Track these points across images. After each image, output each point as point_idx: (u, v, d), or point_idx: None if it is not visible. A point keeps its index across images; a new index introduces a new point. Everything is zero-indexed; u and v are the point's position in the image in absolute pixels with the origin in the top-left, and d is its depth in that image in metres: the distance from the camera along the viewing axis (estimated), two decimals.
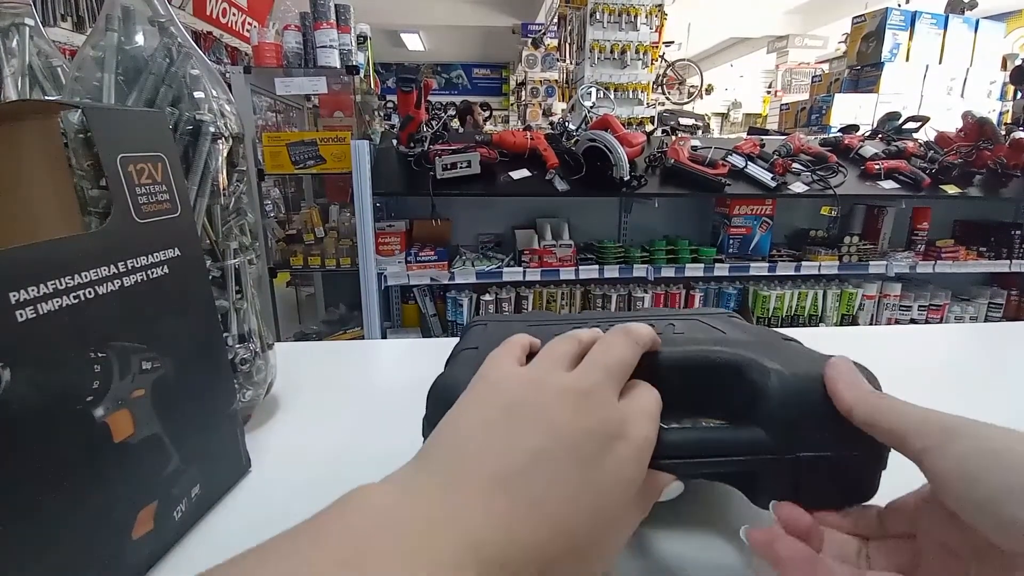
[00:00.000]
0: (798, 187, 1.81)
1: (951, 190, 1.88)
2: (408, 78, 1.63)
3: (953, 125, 2.08)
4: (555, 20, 4.08)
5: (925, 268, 1.97)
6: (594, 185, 1.69)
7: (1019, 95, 2.63)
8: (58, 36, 2.49)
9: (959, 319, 2.09)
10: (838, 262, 1.91)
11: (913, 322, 2.06)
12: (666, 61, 5.39)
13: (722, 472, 0.24)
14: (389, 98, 4.24)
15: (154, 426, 0.26)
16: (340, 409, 0.45)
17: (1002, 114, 3.38)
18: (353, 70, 2.04)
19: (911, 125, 2.13)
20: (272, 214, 2.39)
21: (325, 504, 0.16)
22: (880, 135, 2.11)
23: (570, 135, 1.80)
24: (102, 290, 0.23)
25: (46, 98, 0.37)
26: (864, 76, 3.39)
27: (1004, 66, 3.41)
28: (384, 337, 1.82)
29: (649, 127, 2.82)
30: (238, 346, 0.37)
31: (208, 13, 3.67)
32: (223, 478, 0.32)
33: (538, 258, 1.81)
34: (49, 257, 0.21)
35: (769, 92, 7.38)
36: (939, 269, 1.98)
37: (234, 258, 0.36)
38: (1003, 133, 2.00)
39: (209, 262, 0.35)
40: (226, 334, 0.36)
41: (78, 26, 2.61)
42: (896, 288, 2.04)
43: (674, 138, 1.90)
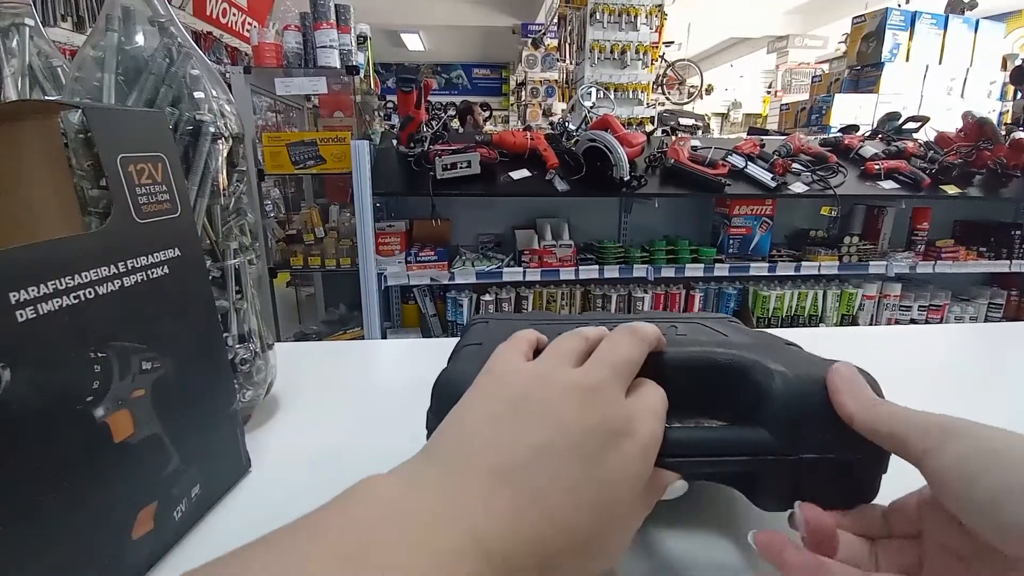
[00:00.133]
0: (798, 187, 1.81)
1: (951, 190, 1.88)
2: (408, 78, 1.63)
3: (953, 125, 2.08)
4: (555, 20, 4.08)
5: (925, 268, 1.97)
6: (594, 185, 1.69)
7: (1019, 95, 2.64)
8: (58, 36, 2.48)
9: (959, 319, 2.09)
10: (838, 262, 1.91)
11: (913, 322, 2.06)
12: (666, 61, 5.39)
13: (725, 472, 0.24)
14: (389, 98, 4.24)
15: (154, 426, 0.26)
16: (340, 409, 0.45)
17: (1002, 114, 3.38)
18: (353, 70, 2.04)
19: (911, 125, 2.13)
20: (272, 214, 2.39)
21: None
22: (880, 135, 2.11)
23: (570, 135, 1.79)
24: (102, 290, 0.23)
25: (46, 98, 0.37)
26: (864, 76, 3.39)
27: (1004, 66, 3.41)
28: (384, 337, 1.82)
29: (649, 127, 2.82)
30: (238, 346, 0.37)
31: (208, 13, 3.67)
32: (223, 478, 0.32)
33: (538, 258, 1.81)
34: (49, 257, 0.21)
35: (769, 92, 7.38)
36: (939, 269, 1.98)
37: (234, 258, 0.36)
38: (1003, 133, 2.00)
39: (209, 262, 0.35)
40: (226, 334, 0.36)
41: (78, 26, 2.61)
42: (896, 288, 2.04)
43: (674, 138, 1.90)
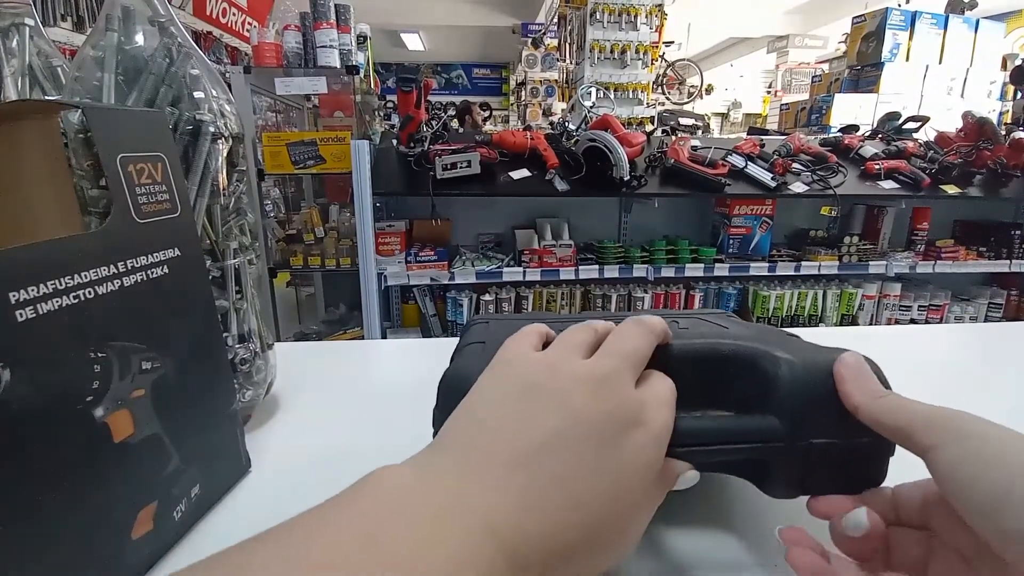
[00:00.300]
0: (798, 187, 1.81)
1: (951, 190, 1.88)
2: (408, 78, 1.63)
3: (953, 125, 2.08)
4: (555, 20, 4.08)
5: (925, 268, 1.97)
6: (594, 185, 1.69)
7: (1019, 95, 2.63)
8: (58, 36, 2.48)
9: (959, 319, 2.09)
10: (838, 262, 1.91)
11: (913, 322, 2.06)
12: (666, 61, 5.39)
13: (736, 460, 0.24)
14: (389, 98, 4.24)
15: (154, 426, 0.26)
16: (340, 409, 0.45)
17: (1002, 114, 3.38)
18: (353, 70, 2.04)
19: (911, 125, 2.13)
20: (272, 214, 2.39)
21: None
22: (880, 135, 2.11)
23: (570, 135, 1.79)
24: (102, 290, 0.23)
25: (46, 98, 0.37)
26: (864, 76, 3.39)
27: (1004, 66, 3.41)
28: (384, 337, 1.82)
29: (649, 127, 2.82)
30: (238, 346, 0.37)
31: (208, 13, 3.67)
32: (223, 478, 0.32)
33: (538, 258, 1.81)
34: (49, 257, 0.21)
35: (769, 92, 7.38)
36: (939, 269, 1.98)
37: (234, 258, 0.36)
38: (1003, 133, 2.00)
39: (209, 262, 0.35)
40: (226, 334, 0.36)
41: (78, 26, 2.61)
42: (896, 288, 2.04)
43: (674, 138, 1.90)
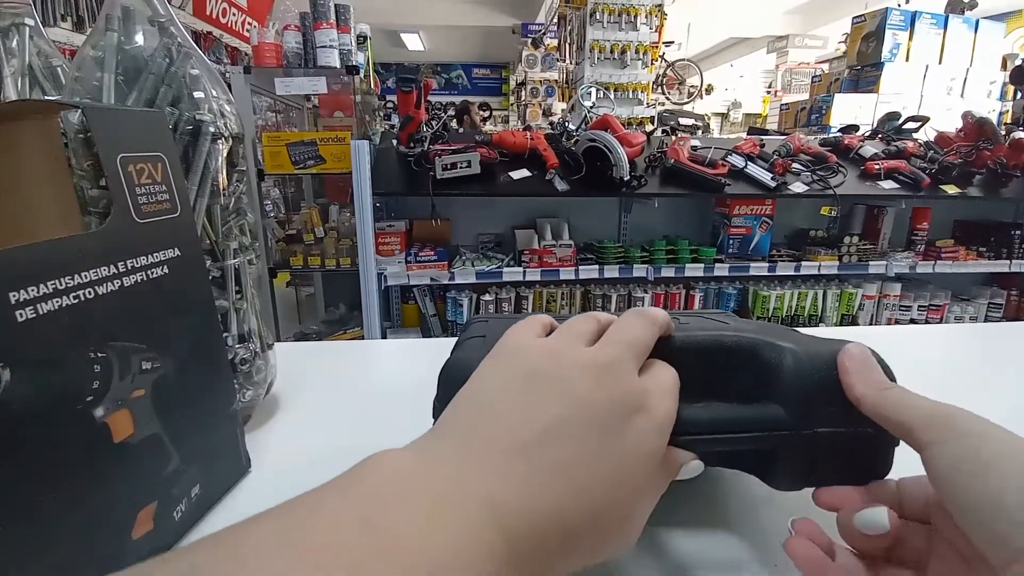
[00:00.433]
0: (798, 187, 1.81)
1: (951, 190, 1.88)
2: (408, 78, 1.63)
3: (953, 125, 2.08)
4: (555, 20, 4.08)
5: (925, 268, 1.97)
6: (594, 185, 1.69)
7: (1019, 95, 2.64)
8: (58, 36, 2.48)
9: (959, 319, 2.09)
10: (838, 262, 1.91)
11: (913, 322, 2.06)
12: (666, 61, 5.40)
13: (739, 450, 0.24)
14: (389, 98, 4.23)
15: (154, 426, 0.26)
16: (340, 409, 0.45)
17: (1002, 114, 3.38)
18: (353, 70, 2.04)
19: (911, 125, 2.13)
20: (272, 214, 2.39)
21: None
22: (880, 135, 2.11)
23: (570, 135, 1.79)
24: (102, 290, 0.23)
25: (46, 98, 0.37)
26: (864, 76, 3.39)
27: (1004, 66, 3.41)
28: (384, 337, 1.82)
29: (649, 127, 2.82)
30: (238, 346, 0.37)
31: (208, 13, 3.67)
32: (223, 478, 0.32)
33: (538, 258, 1.81)
34: (49, 257, 0.21)
35: (769, 92, 7.38)
36: (939, 269, 1.98)
37: (234, 258, 0.36)
38: (1003, 133, 2.00)
39: (209, 262, 0.35)
40: (226, 334, 0.36)
41: (78, 26, 2.61)
42: (896, 288, 2.04)
43: (674, 138, 1.90)
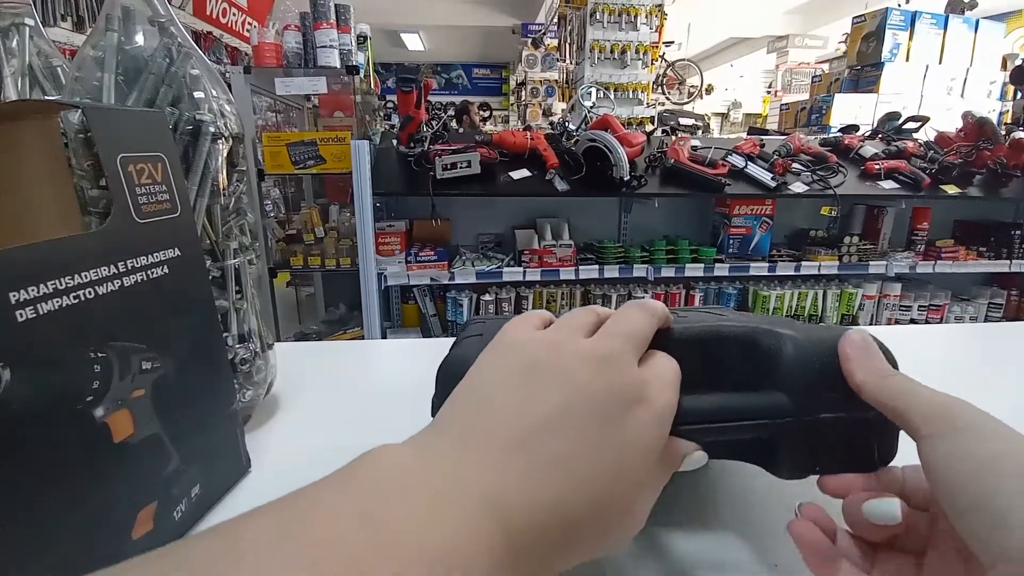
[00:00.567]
0: (798, 187, 1.81)
1: (951, 190, 1.88)
2: (408, 78, 1.63)
3: (953, 125, 2.08)
4: (555, 20, 4.08)
5: (925, 268, 1.97)
6: (594, 185, 1.69)
7: (1019, 95, 2.64)
8: (58, 36, 2.49)
9: (959, 319, 2.09)
10: (838, 262, 1.91)
11: (913, 322, 2.06)
12: (666, 61, 5.40)
13: (742, 439, 0.23)
14: (389, 98, 4.24)
15: (154, 426, 0.26)
16: (340, 409, 0.45)
17: (1002, 114, 3.38)
18: (353, 70, 2.04)
19: (911, 125, 2.13)
20: (272, 214, 2.39)
21: None
22: (880, 135, 2.11)
23: (570, 135, 1.79)
24: (102, 290, 0.23)
25: (46, 98, 0.37)
26: (864, 76, 3.39)
27: (1004, 66, 3.41)
28: (384, 337, 1.82)
29: (649, 127, 2.82)
30: (238, 346, 0.37)
31: (208, 13, 3.67)
32: (223, 478, 0.32)
33: (538, 258, 1.81)
34: (49, 257, 0.21)
35: (769, 92, 7.38)
36: (939, 269, 1.98)
37: (234, 258, 0.36)
38: (1003, 133, 2.00)
39: (209, 262, 0.35)
40: (226, 334, 0.36)
41: (78, 26, 2.61)
42: (896, 288, 2.04)
43: (674, 138, 1.90)
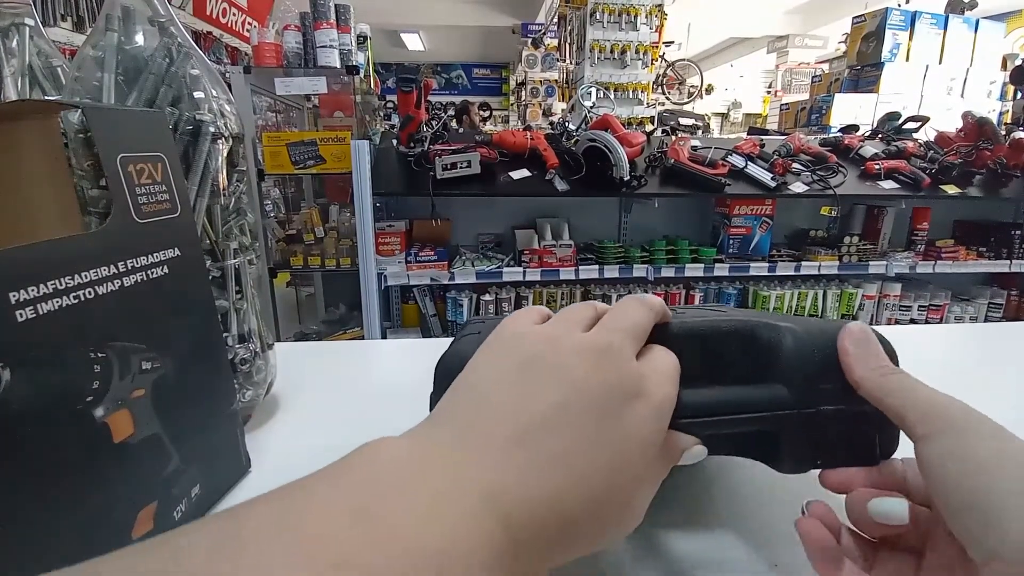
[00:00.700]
0: (798, 187, 1.81)
1: (951, 190, 1.88)
2: (408, 78, 1.63)
3: (953, 125, 2.08)
4: (555, 20, 4.08)
5: (925, 268, 1.97)
6: (594, 185, 1.69)
7: (1019, 95, 2.64)
8: (58, 36, 2.48)
9: (959, 319, 2.09)
10: (838, 262, 1.91)
11: (913, 322, 2.06)
12: (666, 61, 5.40)
13: (742, 432, 0.23)
14: (389, 98, 4.24)
15: (154, 426, 0.26)
16: (340, 409, 0.45)
17: (1002, 114, 3.38)
18: (353, 70, 2.04)
19: (911, 125, 2.13)
20: (272, 214, 2.39)
21: None
22: (880, 135, 2.11)
23: (570, 135, 1.79)
24: (102, 290, 0.23)
25: (46, 98, 0.37)
26: (864, 76, 3.39)
27: (1004, 66, 3.41)
28: (384, 337, 1.82)
29: (649, 127, 2.82)
30: (238, 346, 0.37)
31: (208, 13, 3.67)
32: (223, 478, 0.32)
33: (538, 258, 1.81)
34: (49, 257, 0.21)
35: (769, 92, 7.38)
36: (939, 269, 1.98)
37: (234, 258, 0.36)
38: (1003, 133, 2.00)
39: (209, 262, 0.35)
40: (226, 334, 0.36)
41: (78, 26, 2.61)
42: (896, 288, 2.04)
43: (674, 138, 1.90)
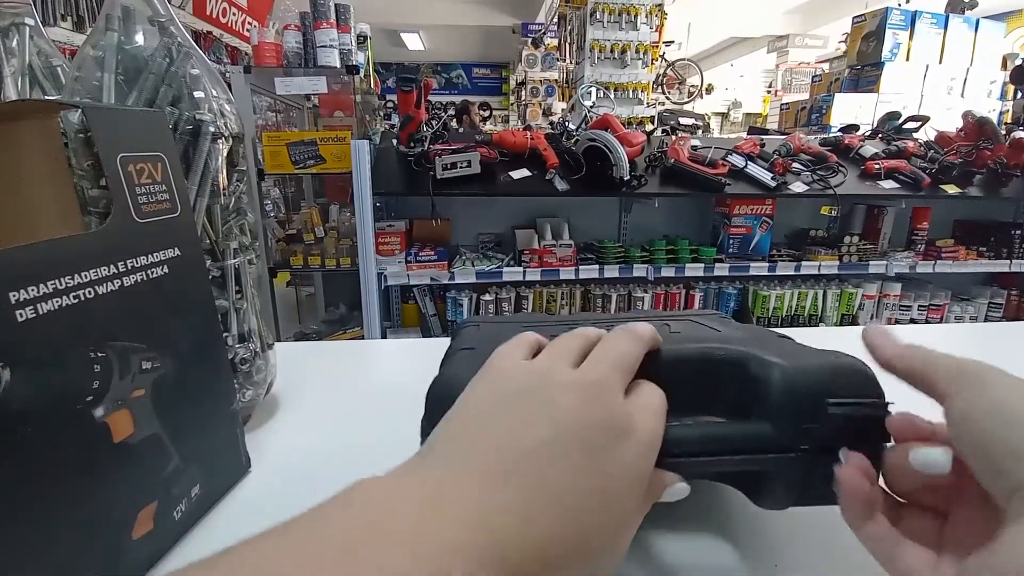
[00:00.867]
0: (798, 187, 1.81)
1: (951, 190, 1.88)
2: (408, 78, 1.63)
3: (953, 125, 2.08)
4: (555, 20, 4.08)
5: (925, 268, 1.97)
6: (594, 185, 1.69)
7: (1019, 95, 2.63)
8: (58, 36, 2.48)
9: (959, 319, 2.09)
10: (838, 262, 1.91)
11: (913, 322, 2.06)
12: (666, 61, 5.39)
13: (727, 472, 0.23)
14: (389, 98, 4.24)
15: (154, 426, 0.26)
16: (340, 409, 0.45)
17: (1002, 114, 3.38)
18: (353, 70, 2.04)
19: (911, 125, 2.13)
20: (272, 214, 2.39)
21: None
22: (880, 135, 2.11)
23: (570, 135, 1.79)
24: (102, 290, 0.23)
25: (46, 98, 0.37)
26: (864, 76, 3.38)
27: (1004, 66, 3.41)
28: (384, 337, 1.82)
29: (649, 127, 2.82)
30: (238, 346, 0.37)
31: (208, 13, 3.67)
32: (223, 478, 0.32)
33: (538, 258, 1.81)
34: (49, 257, 0.21)
35: (769, 92, 7.37)
36: (939, 269, 1.98)
37: (234, 258, 0.36)
38: (1003, 133, 2.00)
39: (209, 262, 0.35)
40: (226, 334, 0.36)
41: (78, 26, 2.61)
42: (896, 288, 2.04)
43: (674, 138, 1.90)
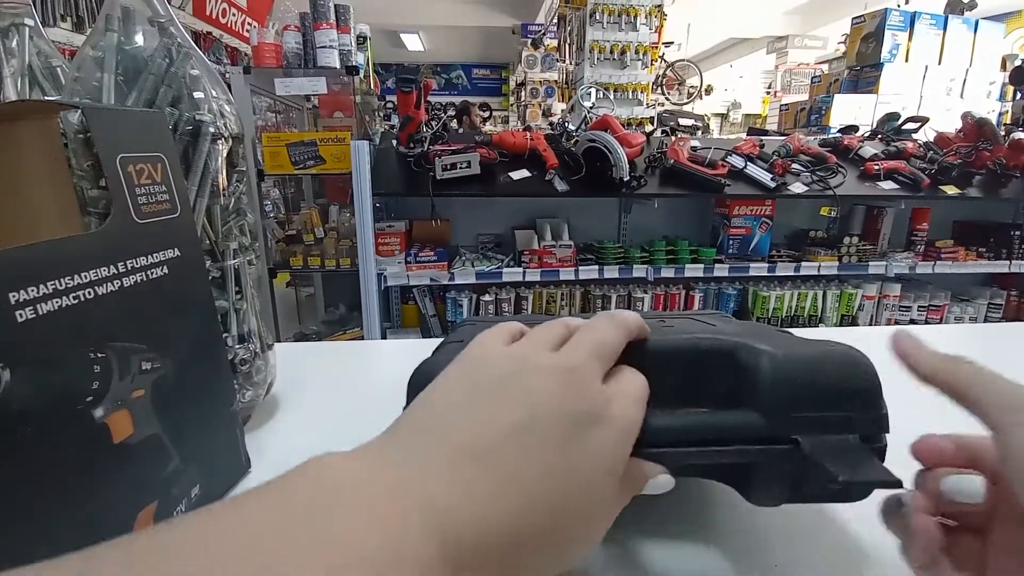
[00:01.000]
0: (798, 188, 1.81)
1: (950, 191, 1.88)
2: (408, 78, 1.63)
3: (952, 126, 2.09)
4: (555, 20, 4.07)
5: (925, 268, 1.97)
6: (594, 185, 1.69)
7: (1018, 96, 2.64)
8: (58, 36, 2.48)
9: (959, 319, 2.09)
10: (838, 263, 1.91)
11: (913, 322, 2.06)
12: (666, 61, 5.39)
13: (715, 465, 0.23)
14: (389, 98, 4.23)
15: (154, 426, 0.26)
16: (340, 409, 0.45)
17: (1001, 114, 3.38)
18: (353, 70, 2.04)
19: (910, 126, 2.13)
20: (272, 214, 2.39)
21: None
22: (879, 136, 2.11)
23: (570, 135, 1.79)
24: (102, 290, 0.23)
25: (46, 98, 0.37)
26: (863, 77, 3.39)
27: (1004, 67, 3.41)
28: (384, 337, 1.82)
29: (649, 127, 2.82)
30: (238, 346, 0.37)
31: (208, 13, 3.67)
32: (223, 478, 0.32)
33: (538, 258, 1.81)
34: (49, 257, 0.21)
35: (769, 93, 7.38)
36: (939, 269, 1.98)
37: (234, 258, 0.36)
38: (1002, 134, 2.00)
39: (209, 262, 0.35)
40: (226, 334, 0.36)
41: (78, 26, 2.61)
42: (896, 288, 2.04)
43: (674, 138, 1.90)
